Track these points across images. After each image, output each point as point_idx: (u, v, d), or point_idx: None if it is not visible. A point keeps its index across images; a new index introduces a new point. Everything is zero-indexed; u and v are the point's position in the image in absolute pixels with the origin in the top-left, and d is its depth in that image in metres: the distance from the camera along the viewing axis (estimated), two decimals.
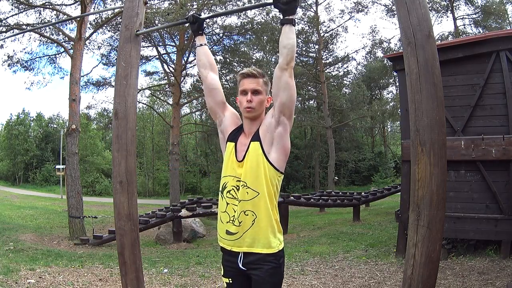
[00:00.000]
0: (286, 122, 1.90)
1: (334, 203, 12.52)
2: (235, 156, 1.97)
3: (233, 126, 2.07)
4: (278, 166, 1.92)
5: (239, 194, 1.91)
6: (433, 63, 1.88)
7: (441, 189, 1.85)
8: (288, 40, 1.83)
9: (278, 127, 1.90)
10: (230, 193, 1.94)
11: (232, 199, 1.93)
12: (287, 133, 1.93)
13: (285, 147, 1.93)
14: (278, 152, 1.91)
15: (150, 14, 13.01)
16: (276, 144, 1.91)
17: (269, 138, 1.91)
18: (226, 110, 2.12)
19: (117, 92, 2.47)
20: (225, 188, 1.97)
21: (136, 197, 2.49)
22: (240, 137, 2.02)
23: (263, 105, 2.01)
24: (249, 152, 1.93)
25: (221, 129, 2.10)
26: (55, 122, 39.19)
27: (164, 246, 9.21)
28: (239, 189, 1.91)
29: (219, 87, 2.15)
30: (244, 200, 1.89)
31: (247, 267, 1.92)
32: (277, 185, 1.95)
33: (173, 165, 16.47)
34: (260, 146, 1.91)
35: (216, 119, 2.13)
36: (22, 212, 14.99)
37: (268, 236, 1.89)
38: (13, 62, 14.32)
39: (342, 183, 28.59)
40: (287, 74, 1.84)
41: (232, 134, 2.05)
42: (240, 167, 1.94)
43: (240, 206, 1.90)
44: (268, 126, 1.93)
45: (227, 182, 1.97)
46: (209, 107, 2.16)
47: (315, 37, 22.64)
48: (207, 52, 2.20)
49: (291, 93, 1.87)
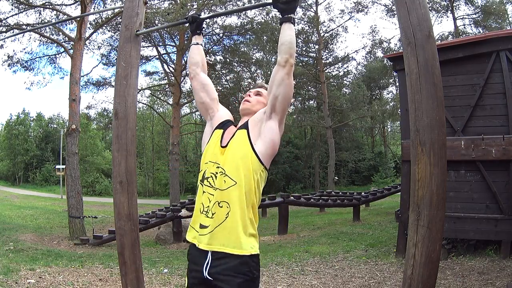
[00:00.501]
0: (277, 118, 1.81)
1: (334, 203, 12.52)
2: (220, 141, 1.86)
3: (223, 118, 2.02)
4: (263, 159, 1.77)
5: (216, 182, 1.75)
6: (433, 63, 1.88)
7: (441, 189, 1.85)
8: (286, 36, 1.80)
9: (268, 121, 1.81)
10: (208, 180, 1.78)
11: (209, 188, 1.76)
12: (277, 129, 1.81)
13: (273, 141, 1.80)
14: (265, 145, 1.78)
15: (150, 14, 13.02)
16: (264, 137, 1.79)
17: (257, 130, 1.82)
18: (219, 106, 2.10)
19: (117, 92, 2.47)
20: (204, 175, 1.81)
21: (136, 197, 2.49)
22: (230, 126, 1.96)
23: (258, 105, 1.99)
24: (234, 138, 1.83)
25: (211, 123, 2.03)
26: (55, 122, 39.24)
27: (164, 246, 9.20)
28: (216, 177, 1.76)
29: (212, 84, 2.13)
30: (220, 189, 1.72)
31: (213, 277, 1.67)
32: (258, 181, 1.76)
33: (173, 165, 16.49)
34: (247, 134, 1.81)
35: (208, 115, 2.06)
36: (22, 212, 14.99)
37: (239, 234, 1.67)
38: (13, 62, 14.34)
39: (342, 183, 28.59)
40: (284, 70, 1.79)
41: (222, 123, 1.97)
42: (222, 153, 1.81)
43: (215, 195, 1.73)
44: (258, 119, 1.86)
45: (206, 169, 1.82)
46: (200, 102, 2.08)
47: (315, 37, 22.66)
48: (201, 51, 2.20)
49: (286, 90, 1.79)
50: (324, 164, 27.80)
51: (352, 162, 29.09)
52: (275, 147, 1.81)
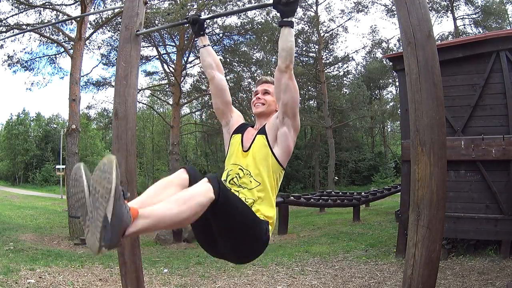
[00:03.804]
0: (289, 123, 1.93)
1: (334, 203, 12.51)
2: (241, 145, 2.00)
3: (239, 123, 2.15)
4: (281, 161, 1.95)
5: (241, 181, 1.91)
6: (433, 63, 1.88)
7: (441, 189, 1.85)
8: (286, 43, 1.86)
9: (282, 127, 1.94)
10: (233, 180, 1.94)
11: (234, 186, 1.92)
12: (291, 134, 1.95)
13: (288, 146, 1.96)
14: (282, 149, 1.95)
15: (150, 14, 13.01)
16: (280, 143, 1.94)
17: (273, 135, 1.96)
18: (233, 112, 2.20)
19: (117, 92, 2.48)
20: (228, 176, 1.96)
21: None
22: (247, 129, 2.08)
23: (271, 105, 2.09)
24: (255, 143, 1.97)
25: (228, 128, 2.16)
26: (55, 122, 39.22)
27: (164, 246, 9.19)
28: (241, 177, 1.91)
29: (227, 88, 2.21)
30: (247, 188, 1.88)
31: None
32: (277, 180, 1.97)
33: (173, 165, 16.47)
34: (265, 139, 1.95)
35: (223, 120, 2.19)
36: (22, 212, 14.98)
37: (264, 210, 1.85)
38: (13, 62, 14.32)
39: (342, 183, 28.58)
40: (286, 76, 1.88)
41: (239, 127, 2.11)
42: (245, 157, 1.96)
43: (241, 193, 1.87)
44: (273, 124, 1.98)
45: (230, 170, 1.97)
46: (216, 108, 2.20)
47: (315, 37, 22.67)
48: (211, 52, 2.22)
49: (293, 95, 1.90)
50: (324, 164, 27.79)
51: (352, 162, 29.09)
52: (290, 150, 1.99)
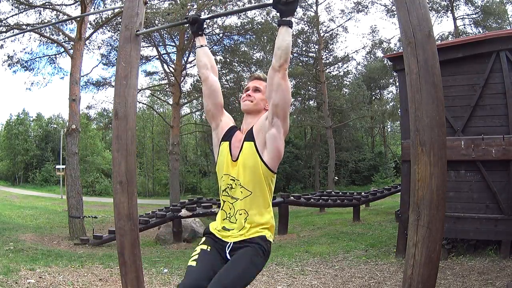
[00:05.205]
0: (279, 124, 1.88)
1: (334, 203, 12.51)
2: (230, 155, 1.98)
3: (227, 126, 2.10)
4: (272, 167, 1.93)
5: (233, 192, 1.94)
6: (433, 63, 1.88)
7: (441, 189, 1.85)
8: (283, 42, 1.84)
9: (271, 128, 1.89)
10: (226, 191, 1.97)
11: (227, 197, 1.96)
12: (281, 136, 1.91)
13: (278, 149, 1.91)
14: (271, 154, 1.91)
15: (150, 14, 13.01)
16: (269, 146, 1.90)
17: (262, 138, 1.92)
18: (223, 115, 2.15)
19: (117, 92, 2.47)
20: (221, 187, 2.00)
21: (136, 197, 2.49)
22: (235, 134, 2.04)
23: (260, 103, 2.04)
24: (243, 151, 1.95)
25: (217, 132, 2.11)
26: (55, 122, 39.20)
27: (164, 246, 9.20)
28: (233, 188, 1.94)
29: (219, 90, 2.16)
30: (239, 198, 1.91)
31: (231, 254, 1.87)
32: (270, 185, 1.96)
33: (173, 165, 16.48)
34: (254, 146, 1.92)
35: (213, 122, 2.13)
36: (22, 212, 14.99)
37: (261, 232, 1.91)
38: (13, 62, 14.33)
39: (342, 183, 28.58)
40: (279, 75, 1.84)
41: (226, 134, 2.06)
42: (234, 166, 1.95)
43: (234, 204, 1.92)
44: (261, 126, 1.94)
45: (223, 180, 1.99)
46: (207, 109, 2.15)
47: (315, 37, 22.64)
48: (207, 53, 2.20)
49: (284, 95, 1.86)
50: (324, 164, 27.78)
51: (352, 162, 29.08)
52: (280, 153, 1.94)
